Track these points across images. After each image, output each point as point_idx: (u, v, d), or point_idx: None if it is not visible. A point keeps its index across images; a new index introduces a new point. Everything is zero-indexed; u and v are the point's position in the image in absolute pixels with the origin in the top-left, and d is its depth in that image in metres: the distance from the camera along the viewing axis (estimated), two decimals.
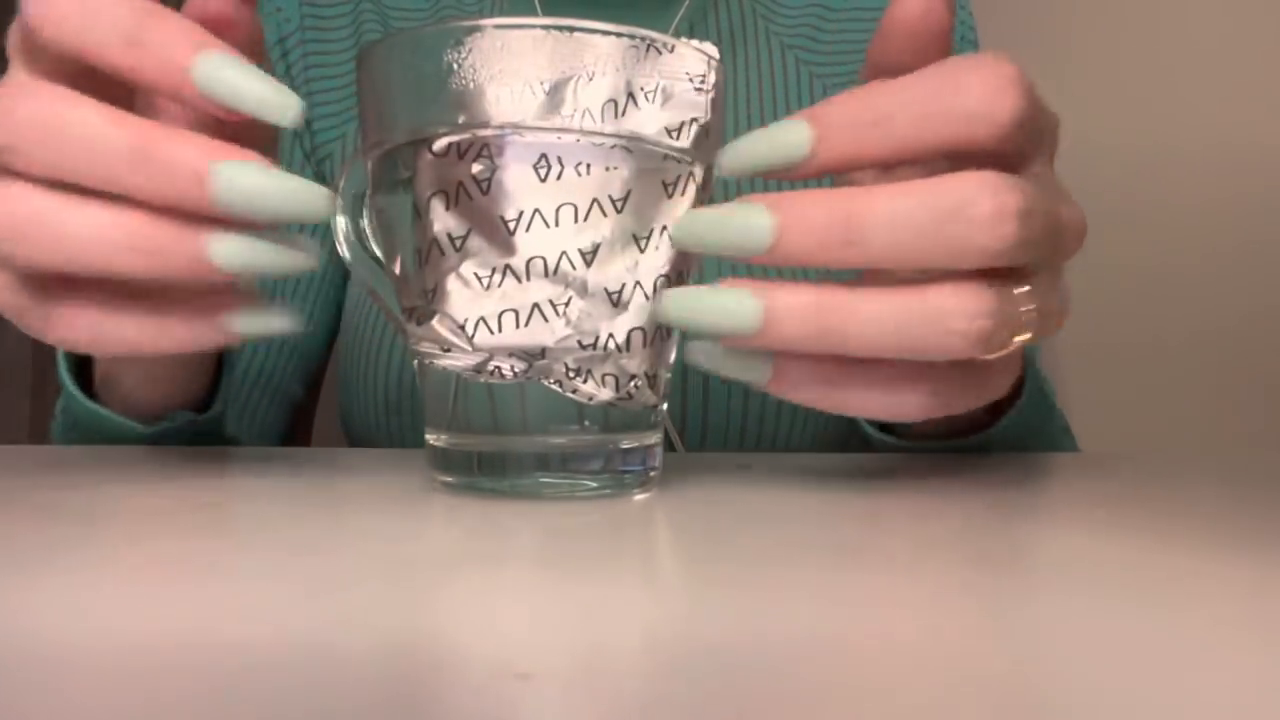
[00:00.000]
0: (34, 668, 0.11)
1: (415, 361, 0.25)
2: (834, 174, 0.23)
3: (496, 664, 0.11)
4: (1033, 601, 0.15)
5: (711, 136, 0.23)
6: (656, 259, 0.22)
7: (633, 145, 0.22)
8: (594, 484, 0.23)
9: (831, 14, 0.54)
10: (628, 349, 0.22)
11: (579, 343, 0.22)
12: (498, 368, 0.22)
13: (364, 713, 0.10)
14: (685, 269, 0.23)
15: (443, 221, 0.22)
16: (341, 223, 0.26)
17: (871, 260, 0.20)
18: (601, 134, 0.21)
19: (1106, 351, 0.84)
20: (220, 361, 0.38)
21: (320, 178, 0.52)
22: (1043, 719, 0.10)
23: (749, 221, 0.21)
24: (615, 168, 0.22)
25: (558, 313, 0.22)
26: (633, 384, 0.23)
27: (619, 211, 0.22)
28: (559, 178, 0.21)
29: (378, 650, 0.12)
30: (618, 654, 0.12)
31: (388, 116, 0.23)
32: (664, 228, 0.22)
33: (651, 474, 0.25)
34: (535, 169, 0.21)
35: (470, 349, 0.22)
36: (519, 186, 0.21)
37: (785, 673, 0.11)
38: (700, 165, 0.23)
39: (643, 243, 0.22)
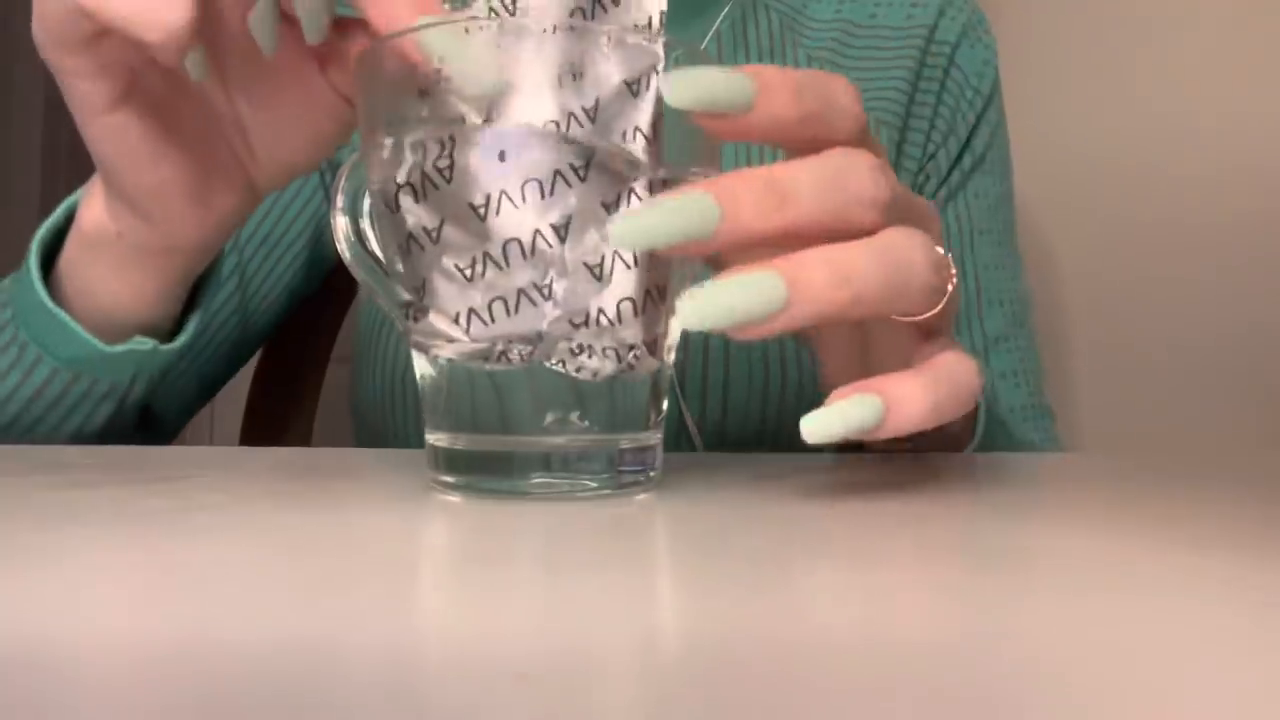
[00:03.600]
0: (34, 668, 0.11)
1: (415, 358, 0.25)
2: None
3: (496, 664, 0.11)
4: (1035, 602, 0.15)
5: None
6: None
7: (590, 111, 0.21)
8: (594, 484, 0.23)
9: (858, 29, 0.55)
10: (620, 321, 0.22)
11: (571, 322, 0.22)
12: (503, 353, 0.22)
13: (364, 713, 0.10)
14: None
15: (415, 215, 0.22)
16: (342, 223, 0.26)
17: (802, 214, 0.21)
18: (566, 139, 0.21)
19: (1113, 355, 0.84)
20: (194, 301, 0.36)
21: (332, 168, 0.53)
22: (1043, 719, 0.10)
23: (690, 201, 0.21)
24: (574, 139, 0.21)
25: (544, 295, 0.22)
26: (632, 354, 0.23)
27: (582, 180, 0.22)
28: (519, 155, 0.21)
29: (378, 651, 0.12)
30: (618, 654, 0.12)
31: (373, 117, 0.23)
32: (631, 192, 0.22)
33: (652, 474, 0.25)
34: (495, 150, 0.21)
35: (469, 340, 0.22)
36: (482, 170, 0.21)
37: (785, 673, 0.11)
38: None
39: (612, 209, 0.22)
